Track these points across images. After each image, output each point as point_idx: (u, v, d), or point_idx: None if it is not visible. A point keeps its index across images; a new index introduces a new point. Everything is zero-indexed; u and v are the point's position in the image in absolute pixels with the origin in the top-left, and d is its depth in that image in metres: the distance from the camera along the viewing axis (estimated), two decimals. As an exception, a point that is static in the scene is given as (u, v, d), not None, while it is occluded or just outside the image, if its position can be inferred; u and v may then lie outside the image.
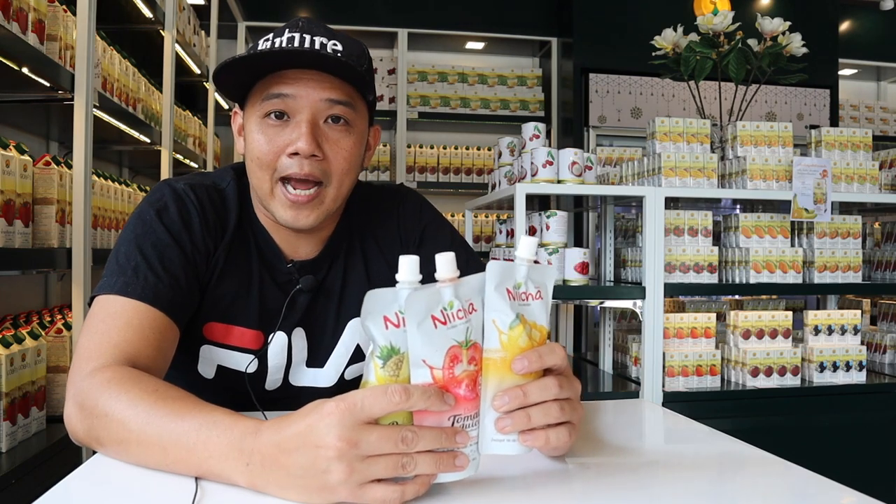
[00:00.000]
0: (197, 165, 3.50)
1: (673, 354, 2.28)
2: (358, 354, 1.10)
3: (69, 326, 1.84)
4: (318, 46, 0.94)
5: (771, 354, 2.30)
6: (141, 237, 0.96)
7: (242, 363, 1.03)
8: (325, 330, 1.09)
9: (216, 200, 1.04)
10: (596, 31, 4.33)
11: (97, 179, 2.03)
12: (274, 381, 1.07)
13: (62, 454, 1.62)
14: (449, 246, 1.13)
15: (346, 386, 1.10)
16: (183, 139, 3.22)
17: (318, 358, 1.09)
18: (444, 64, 4.62)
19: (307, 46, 0.93)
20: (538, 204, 2.76)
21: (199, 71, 3.44)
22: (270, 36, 0.96)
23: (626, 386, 2.36)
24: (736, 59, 2.47)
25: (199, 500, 0.66)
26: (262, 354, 1.04)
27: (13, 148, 1.60)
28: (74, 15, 1.86)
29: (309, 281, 1.05)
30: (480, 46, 4.77)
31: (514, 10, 4.53)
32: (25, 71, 1.65)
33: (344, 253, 1.10)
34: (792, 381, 2.31)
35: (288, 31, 0.95)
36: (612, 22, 4.31)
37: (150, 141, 2.61)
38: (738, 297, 2.81)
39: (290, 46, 0.93)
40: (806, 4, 4.49)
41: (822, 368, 2.33)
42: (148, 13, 2.60)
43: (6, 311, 2.17)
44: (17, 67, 1.62)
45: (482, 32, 4.56)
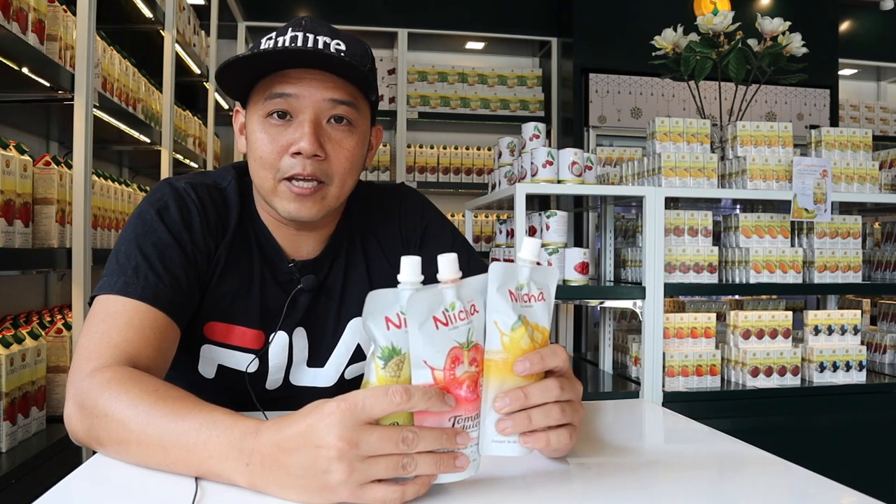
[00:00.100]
0: (197, 165, 3.50)
1: (673, 354, 2.28)
2: (358, 354, 1.10)
3: (69, 326, 1.84)
4: (321, 46, 0.93)
5: (771, 354, 2.30)
6: (141, 237, 0.95)
7: (243, 363, 1.03)
8: (325, 330, 1.08)
9: (217, 199, 1.03)
10: (596, 31, 4.33)
11: (97, 179, 2.03)
12: (274, 380, 1.07)
13: (62, 454, 1.62)
14: (450, 246, 1.13)
15: (346, 386, 1.10)
16: (183, 139, 3.21)
17: (318, 358, 1.09)
18: (444, 64, 4.62)
19: (310, 46, 0.93)
20: (538, 204, 2.76)
21: (199, 71, 3.44)
22: (273, 35, 0.96)
23: (626, 386, 2.36)
24: (736, 59, 2.47)
25: (199, 500, 0.66)
26: (262, 354, 1.04)
27: (13, 148, 1.60)
28: (74, 15, 1.86)
29: (310, 281, 1.05)
30: (480, 46, 4.77)
31: (514, 10, 4.53)
32: (25, 71, 1.65)
33: (345, 252, 1.10)
34: (792, 381, 2.31)
35: (291, 30, 0.95)
36: (612, 22, 4.31)
37: (150, 141, 2.61)
38: (738, 297, 2.81)
39: (293, 46, 0.93)
40: (806, 4, 4.49)
41: (822, 368, 2.33)
42: (148, 13, 2.60)
43: (6, 311, 2.17)
44: (17, 67, 1.62)
45: (482, 32, 4.56)
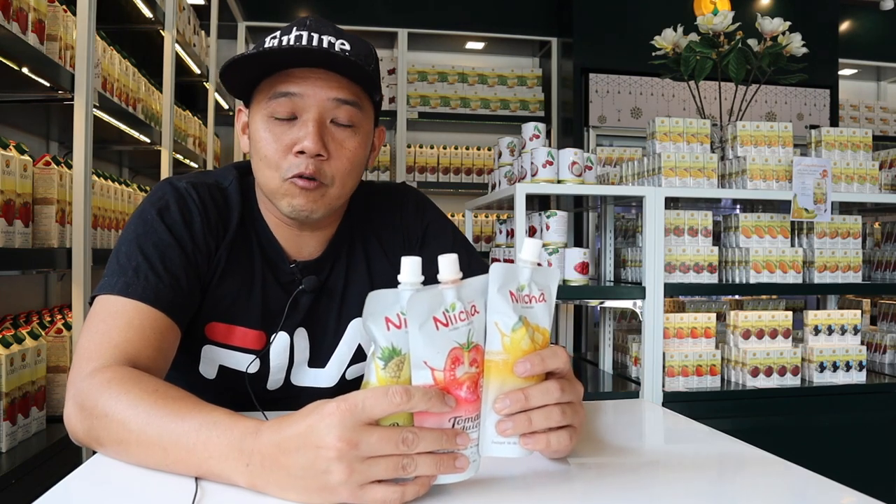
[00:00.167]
0: (197, 165, 3.50)
1: (673, 354, 2.28)
2: (360, 355, 1.10)
3: (69, 326, 1.84)
4: (325, 45, 0.93)
5: (771, 354, 2.30)
6: (142, 237, 0.95)
7: (244, 363, 1.03)
8: (326, 330, 1.08)
9: (218, 199, 1.03)
10: (596, 31, 4.33)
11: (97, 179, 2.03)
12: (276, 380, 1.07)
13: (62, 454, 1.62)
14: (451, 245, 1.14)
15: (347, 386, 1.10)
16: (183, 139, 3.21)
17: (319, 358, 1.09)
18: (444, 64, 4.62)
19: (315, 45, 0.93)
20: (538, 204, 2.76)
21: (199, 71, 3.44)
22: (278, 34, 0.96)
23: (626, 386, 2.36)
24: (736, 59, 2.47)
25: (199, 500, 0.66)
26: (264, 355, 1.04)
27: (13, 148, 1.60)
28: (74, 15, 1.86)
29: (312, 281, 1.05)
30: (480, 46, 4.77)
31: (514, 10, 4.53)
32: (25, 71, 1.65)
33: (346, 253, 1.10)
34: (792, 381, 2.31)
35: (296, 29, 0.95)
36: (612, 22, 4.31)
37: (150, 141, 2.60)
38: (738, 297, 2.81)
39: (298, 45, 0.93)
40: (806, 4, 4.49)
41: (822, 368, 2.33)
42: (148, 13, 2.60)
43: (6, 311, 2.17)
44: (17, 67, 1.61)
45: (482, 32, 4.56)
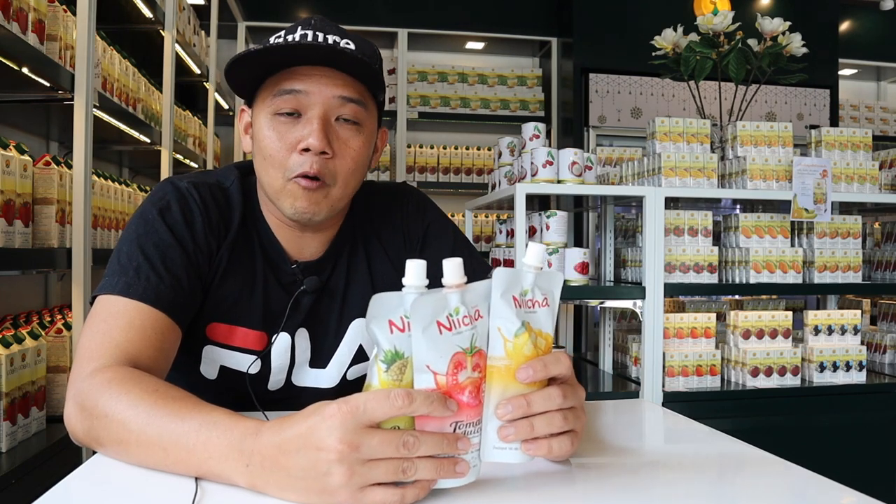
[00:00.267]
0: (197, 165, 3.50)
1: (673, 354, 2.28)
2: (360, 355, 1.10)
3: (69, 326, 1.84)
4: (331, 43, 0.93)
5: (771, 354, 2.30)
6: (143, 237, 0.95)
7: (245, 364, 1.03)
8: (328, 330, 1.08)
9: (220, 199, 1.03)
10: (596, 31, 4.33)
11: (97, 179, 2.03)
12: (277, 381, 1.07)
13: (62, 454, 1.62)
14: (452, 245, 1.13)
15: (347, 386, 1.10)
16: (183, 139, 3.21)
17: (321, 358, 1.09)
18: (444, 64, 4.62)
19: (321, 41, 0.93)
20: (538, 204, 2.76)
21: (199, 71, 3.44)
22: (282, 33, 0.96)
23: (626, 386, 2.36)
24: (736, 59, 2.47)
25: (199, 500, 0.66)
26: (265, 355, 1.04)
27: (13, 148, 1.60)
28: (74, 15, 1.86)
29: (313, 282, 1.05)
30: (480, 46, 4.77)
31: (514, 10, 4.53)
32: (25, 71, 1.65)
33: (347, 253, 1.10)
34: (792, 381, 2.31)
35: (300, 28, 0.95)
36: (612, 22, 4.31)
37: (150, 141, 2.60)
38: (738, 297, 2.81)
39: (303, 41, 0.93)
40: (806, 4, 4.49)
41: (822, 368, 2.33)
42: (148, 13, 2.60)
43: (6, 311, 2.17)
44: (17, 67, 1.61)
45: (482, 32, 4.56)
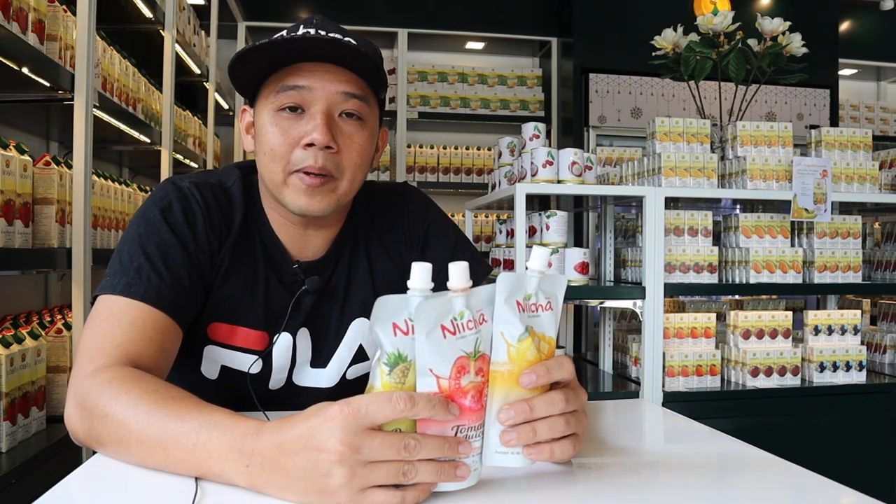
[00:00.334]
0: (197, 165, 3.50)
1: (673, 354, 2.28)
2: (361, 355, 1.10)
3: (69, 326, 1.84)
4: (333, 37, 0.94)
5: (771, 354, 2.30)
6: (144, 237, 0.95)
7: (247, 364, 1.03)
8: (328, 330, 1.08)
9: (221, 199, 1.03)
10: (596, 31, 4.33)
11: (97, 179, 2.03)
12: (277, 380, 1.07)
13: (62, 454, 1.62)
14: (453, 246, 1.14)
15: (347, 386, 1.10)
16: (183, 139, 3.21)
17: (321, 358, 1.09)
18: (444, 64, 4.62)
19: (323, 34, 0.93)
20: (538, 204, 2.76)
21: (199, 71, 3.44)
22: (283, 33, 0.96)
23: (626, 386, 2.36)
24: (736, 59, 2.47)
25: (199, 500, 0.66)
26: (266, 355, 1.04)
27: (13, 148, 1.60)
28: (74, 15, 1.86)
29: (315, 282, 1.05)
30: (480, 46, 4.77)
31: (514, 10, 4.53)
32: (25, 71, 1.65)
33: (349, 253, 1.10)
34: (792, 381, 2.31)
35: (302, 27, 0.95)
36: (612, 22, 4.31)
37: (150, 141, 2.60)
38: (738, 297, 2.81)
39: (307, 35, 0.93)
40: (806, 4, 4.49)
41: (822, 368, 2.33)
42: (148, 13, 2.60)
43: (6, 311, 2.17)
44: (17, 67, 1.61)
45: (482, 32, 4.56)
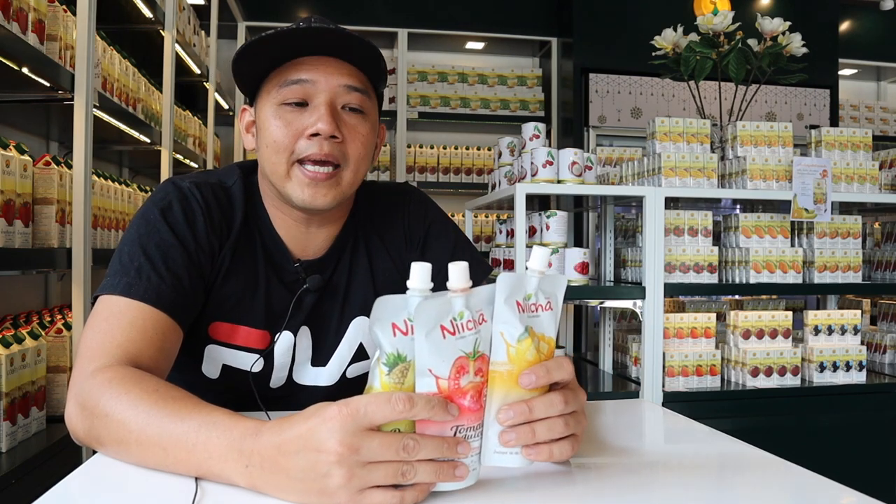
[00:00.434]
0: (197, 165, 3.50)
1: (673, 354, 2.28)
2: (360, 353, 1.10)
3: (69, 326, 1.84)
4: (335, 29, 0.94)
5: (771, 354, 2.30)
6: (145, 237, 0.95)
7: (248, 363, 1.03)
8: (329, 329, 1.09)
9: (222, 199, 1.03)
10: (596, 31, 4.33)
11: (97, 179, 2.03)
12: (278, 379, 1.07)
13: (62, 454, 1.62)
14: (453, 246, 1.14)
15: (347, 384, 1.10)
16: (183, 139, 3.21)
17: (322, 356, 1.09)
18: (444, 64, 4.62)
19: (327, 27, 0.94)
20: (538, 204, 2.76)
21: (199, 71, 3.44)
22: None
23: (626, 386, 2.36)
24: (736, 59, 2.47)
25: (199, 500, 0.66)
26: (267, 354, 1.04)
27: (13, 148, 1.60)
28: (74, 15, 1.86)
29: (316, 281, 1.05)
30: (480, 46, 4.77)
31: (514, 10, 4.53)
32: (25, 71, 1.65)
33: (349, 252, 1.10)
34: (792, 381, 2.31)
35: (301, 24, 0.96)
36: (612, 22, 4.31)
37: (150, 141, 2.60)
38: (738, 297, 2.81)
39: (313, 26, 0.94)
40: (806, 4, 4.49)
41: (822, 368, 2.33)
42: (148, 13, 2.60)
43: (6, 311, 2.17)
44: (17, 67, 1.61)
45: (482, 32, 4.56)
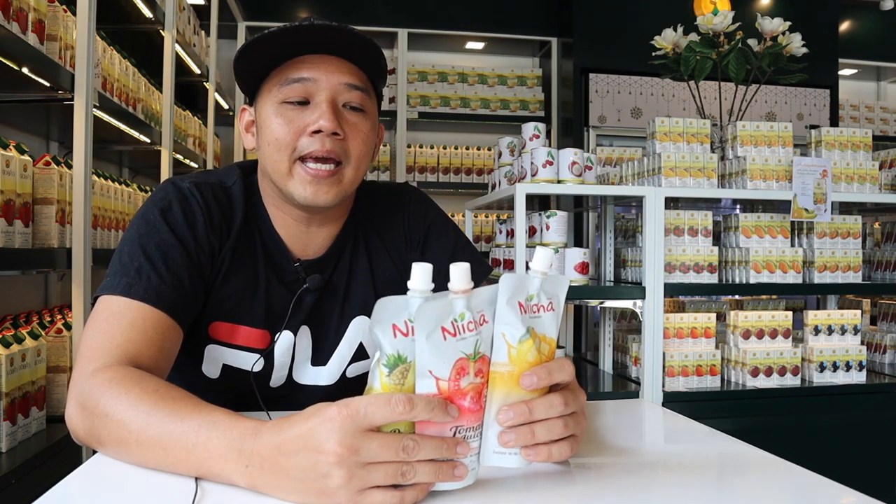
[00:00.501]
0: (197, 165, 3.50)
1: (673, 354, 2.28)
2: (360, 353, 1.10)
3: (69, 326, 1.84)
4: (337, 25, 0.95)
5: (771, 354, 2.30)
6: (144, 237, 0.95)
7: (248, 362, 1.03)
8: (329, 328, 1.09)
9: (222, 199, 1.03)
10: (596, 31, 4.33)
11: (97, 179, 2.03)
12: (278, 378, 1.08)
13: (62, 454, 1.62)
14: (453, 246, 1.14)
15: (347, 384, 1.10)
16: (183, 139, 3.21)
17: (321, 356, 1.09)
18: (444, 64, 4.62)
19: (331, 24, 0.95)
20: (538, 204, 2.76)
21: (199, 71, 3.44)
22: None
23: (626, 386, 2.36)
24: (736, 59, 2.47)
25: (199, 500, 0.66)
26: (268, 353, 1.04)
27: (13, 148, 1.60)
28: (74, 15, 1.86)
29: (316, 280, 1.05)
30: (480, 46, 4.77)
31: (514, 10, 4.53)
32: (25, 71, 1.65)
33: (350, 251, 1.10)
34: (792, 381, 2.31)
35: (304, 22, 0.96)
36: (612, 22, 4.31)
37: (150, 141, 2.60)
38: (738, 297, 2.81)
39: (317, 23, 0.94)
40: (806, 4, 4.49)
41: (822, 368, 2.33)
42: (148, 13, 2.60)
43: (6, 311, 2.17)
44: (17, 67, 1.61)
45: (482, 32, 4.56)
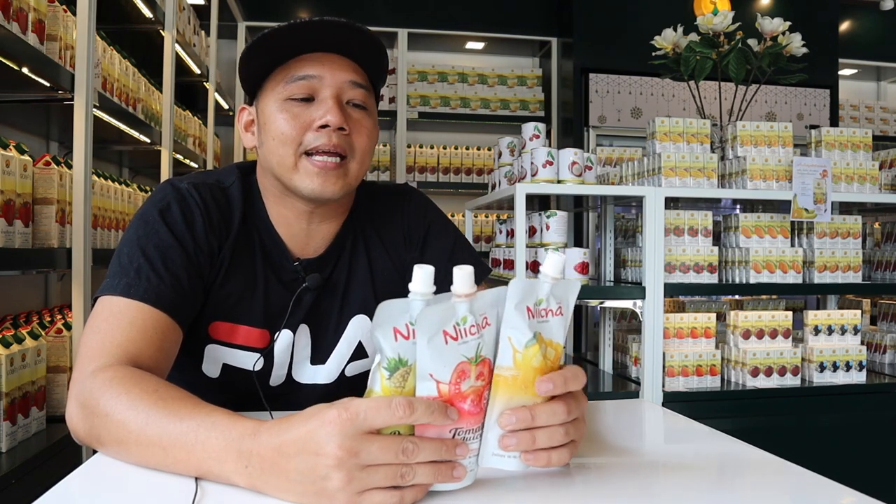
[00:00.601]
0: (197, 165, 3.50)
1: (673, 354, 2.28)
2: (359, 351, 1.11)
3: (69, 326, 1.84)
4: (345, 21, 0.95)
5: (771, 354, 2.30)
6: (144, 238, 0.95)
7: (248, 362, 1.04)
8: (328, 327, 1.09)
9: (220, 199, 1.03)
10: (596, 31, 4.33)
11: (97, 179, 2.03)
12: (278, 377, 1.08)
13: (62, 454, 1.62)
14: (452, 246, 1.14)
15: (346, 383, 1.11)
16: (183, 139, 3.21)
17: (321, 354, 1.09)
18: (444, 64, 4.62)
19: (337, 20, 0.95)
20: (538, 204, 2.76)
21: (199, 71, 3.44)
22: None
23: (626, 386, 2.36)
24: (736, 59, 2.47)
25: (199, 500, 0.66)
26: (267, 353, 1.05)
27: (13, 148, 1.60)
28: (74, 15, 1.86)
29: (315, 279, 1.05)
30: (480, 46, 4.77)
31: (514, 10, 4.53)
32: (25, 71, 1.65)
33: (349, 251, 1.11)
34: (792, 381, 2.31)
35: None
36: (612, 22, 4.31)
37: (150, 141, 2.60)
38: (738, 297, 2.81)
39: (324, 18, 0.95)
40: (806, 4, 4.49)
41: (822, 368, 2.33)
42: (148, 13, 2.60)
43: (6, 311, 2.17)
44: (17, 67, 1.61)
45: (482, 32, 4.56)
